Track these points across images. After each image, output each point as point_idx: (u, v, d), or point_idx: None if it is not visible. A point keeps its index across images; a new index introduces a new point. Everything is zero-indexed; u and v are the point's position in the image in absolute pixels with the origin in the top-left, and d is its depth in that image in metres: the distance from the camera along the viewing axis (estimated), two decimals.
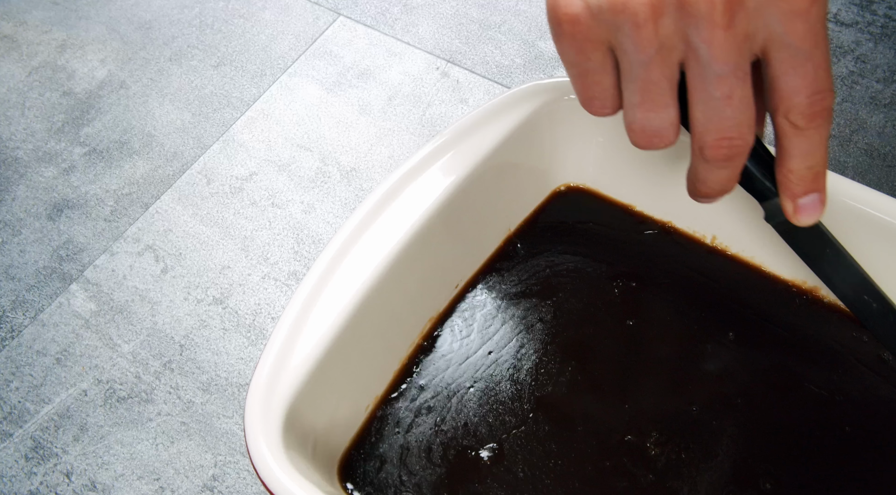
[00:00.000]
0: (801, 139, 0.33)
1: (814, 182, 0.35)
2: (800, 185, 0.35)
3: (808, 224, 0.36)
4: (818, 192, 0.35)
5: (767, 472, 0.40)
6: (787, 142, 0.33)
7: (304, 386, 0.38)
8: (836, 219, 0.42)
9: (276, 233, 0.54)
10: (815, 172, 0.34)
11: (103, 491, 0.44)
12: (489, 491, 0.41)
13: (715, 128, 0.33)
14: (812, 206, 0.35)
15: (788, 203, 0.35)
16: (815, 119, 0.32)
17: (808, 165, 0.34)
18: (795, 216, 0.36)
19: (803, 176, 0.34)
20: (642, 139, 0.35)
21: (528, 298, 0.47)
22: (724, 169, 0.34)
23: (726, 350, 0.44)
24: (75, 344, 0.50)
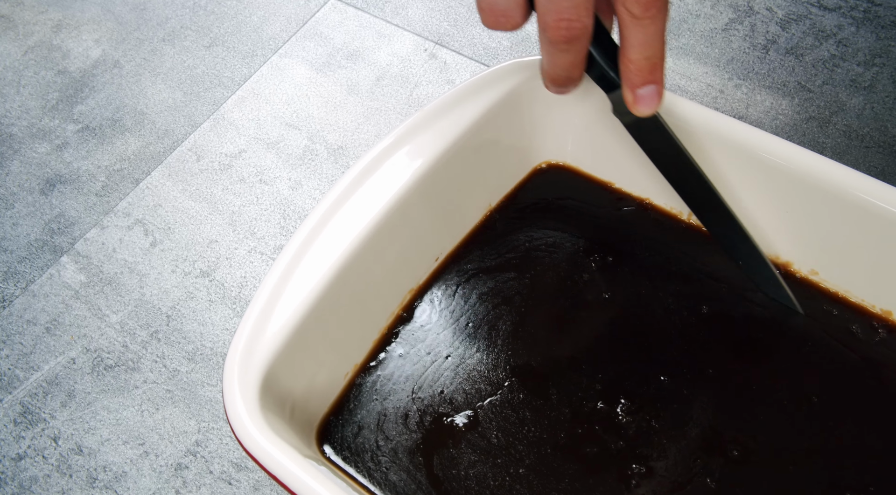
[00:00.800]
0: (639, 29, 0.35)
1: (651, 73, 0.37)
2: (638, 76, 0.37)
3: (646, 114, 0.38)
4: (655, 84, 0.37)
5: (735, 440, 0.41)
6: (626, 32, 0.36)
7: (282, 351, 0.39)
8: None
9: (264, 208, 0.55)
10: (653, 64, 0.36)
11: (89, 454, 0.46)
12: (463, 456, 0.42)
13: (554, 9, 0.35)
14: (650, 97, 0.38)
15: (628, 93, 0.38)
16: (650, 8, 0.34)
17: (645, 56, 0.36)
18: (635, 106, 0.38)
19: (641, 66, 0.36)
20: (490, 18, 0.37)
21: (506, 271, 0.48)
22: (566, 52, 0.37)
23: (700, 322, 0.45)
24: (65, 314, 0.51)
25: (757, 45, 0.59)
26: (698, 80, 0.58)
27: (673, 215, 0.49)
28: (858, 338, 0.44)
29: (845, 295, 0.45)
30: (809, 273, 0.46)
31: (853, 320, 0.44)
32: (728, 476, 0.40)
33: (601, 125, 0.49)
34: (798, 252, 0.46)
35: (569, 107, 0.49)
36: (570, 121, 0.50)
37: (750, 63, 0.58)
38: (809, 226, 0.44)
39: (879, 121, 0.55)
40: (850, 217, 0.43)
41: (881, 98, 0.56)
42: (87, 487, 0.45)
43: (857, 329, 0.44)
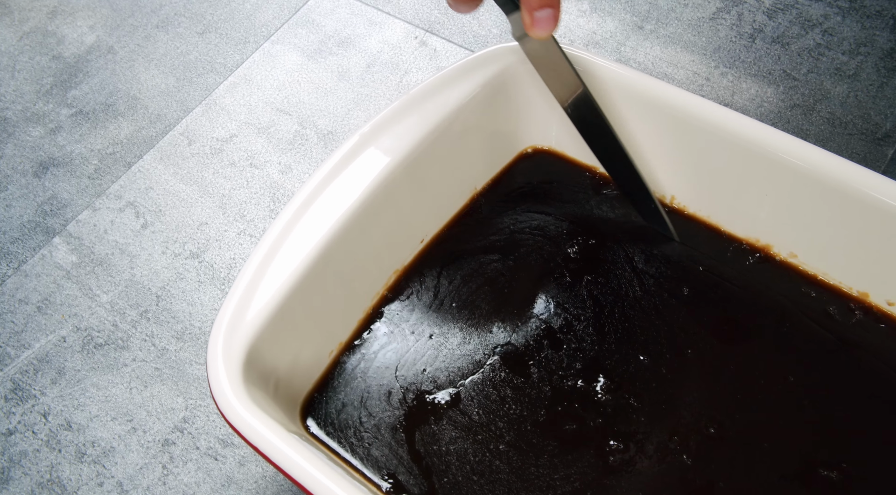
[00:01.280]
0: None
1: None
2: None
3: (542, 37, 0.40)
4: (552, 8, 0.39)
5: (712, 418, 0.42)
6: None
7: (265, 327, 0.40)
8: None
9: (254, 191, 0.55)
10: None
11: (78, 430, 0.46)
12: (444, 432, 0.42)
13: None
14: (546, 20, 0.40)
15: (526, 15, 0.40)
16: None
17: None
18: (532, 28, 0.40)
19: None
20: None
21: (490, 253, 0.48)
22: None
23: (680, 304, 0.46)
24: (56, 293, 0.51)
25: (743, 34, 0.60)
26: (685, 68, 0.58)
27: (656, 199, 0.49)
28: (835, 319, 0.44)
29: (823, 277, 0.46)
30: (788, 256, 0.46)
31: (830, 302, 0.45)
32: (704, 452, 0.41)
33: None
34: (778, 236, 0.46)
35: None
36: (555, 106, 0.50)
37: (736, 51, 0.59)
38: (789, 210, 0.45)
39: (863, 109, 0.55)
40: (829, 201, 0.43)
41: (865, 86, 0.56)
42: (75, 462, 0.45)
43: (833, 310, 0.45)
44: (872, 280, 0.44)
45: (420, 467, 0.41)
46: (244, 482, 0.44)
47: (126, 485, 0.45)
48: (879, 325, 0.44)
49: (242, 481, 0.44)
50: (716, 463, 0.41)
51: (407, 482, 0.41)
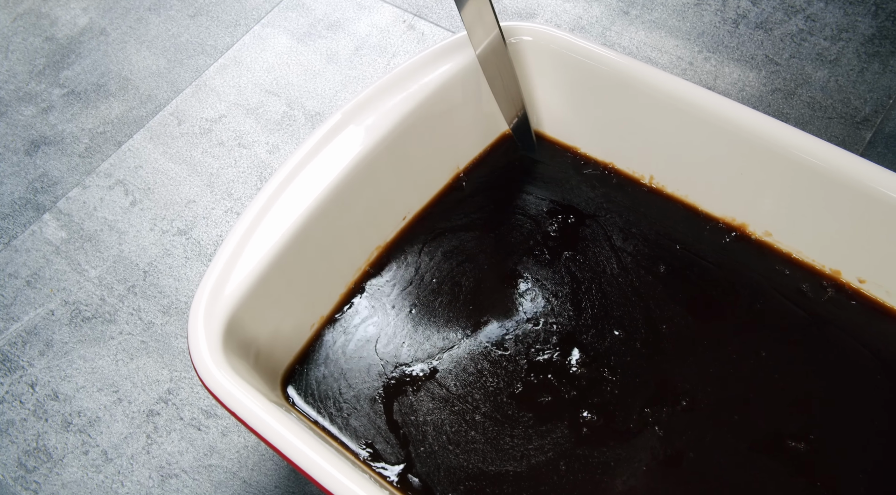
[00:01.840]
0: None
1: None
2: None
3: None
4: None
5: (685, 391, 0.43)
6: None
7: (246, 298, 0.41)
8: None
9: (241, 170, 0.56)
10: None
11: (64, 400, 0.47)
12: (422, 403, 0.43)
13: None
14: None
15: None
16: None
17: None
18: None
19: None
20: None
21: (472, 231, 0.49)
22: None
23: (656, 280, 0.46)
24: (45, 268, 0.52)
25: (727, 20, 0.60)
26: (669, 52, 0.59)
27: (635, 179, 0.50)
28: (808, 296, 0.45)
29: (797, 256, 0.46)
30: (763, 234, 0.47)
31: (803, 279, 0.46)
32: (675, 424, 0.42)
33: (567, 92, 0.50)
34: (753, 214, 0.47)
35: (535, 74, 0.50)
36: (538, 87, 0.51)
37: (720, 37, 0.60)
38: (765, 189, 0.46)
39: (843, 93, 0.56)
40: (804, 181, 0.44)
41: (845, 71, 0.57)
42: (61, 431, 0.46)
43: (806, 288, 0.45)
44: (845, 258, 0.45)
45: (397, 436, 0.42)
46: (226, 451, 0.45)
47: (111, 454, 0.45)
48: (851, 302, 0.45)
49: (224, 450, 0.45)
50: (686, 434, 0.41)
51: (384, 451, 0.42)
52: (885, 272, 0.44)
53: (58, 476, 0.45)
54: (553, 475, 0.41)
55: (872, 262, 0.44)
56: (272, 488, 0.44)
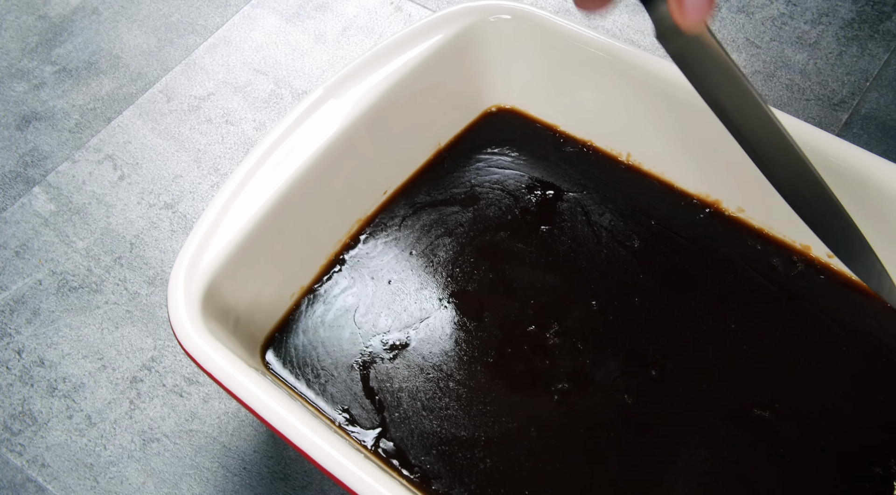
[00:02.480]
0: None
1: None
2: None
3: (694, 25, 0.32)
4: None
5: (655, 361, 0.44)
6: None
7: (225, 265, 0.42)
8: None
9: (228, 147, 0.57)
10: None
11: (50, 367, 0.48)
12: (397, 371, 0.44)
13: None
14: (698, 5, 0.31)
15: (674, 2, 0.32)
16: None
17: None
18: (682, 15, 0.32)
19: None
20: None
21: (451, 206, 0.50)
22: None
23: (630, 254, 0.47)
24: (34, 239, 0.53)
25: None
26: (651, 35, 0.60)
27: (612, 156, 0.51)
28: (778, 270, 0.46)
29: (769, 231, 0.47)
30: (737, 210, 0.48)
31: (774, 254, 0.47)
32: (645, 393, 0.43)
33: (547, 71, 0.51)
34: (726, 190, 0.48)
35: (516, 52, 0.51)
36: (518, 66, 0.52)
37: None
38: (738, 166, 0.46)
39: (821, 76, 0.57)
40: None
41: (824, 54, 0.58)
42: (46, 396, 0.47)
43: (777, 262, 0.46)
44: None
45: (373, 402, 0.43)
46: (207, 417, 0.46)
47: (94, 418, 0.46)
48: (819, 276, 0.46)
49: (205, 416, 0.46)
50: (656, 402, 0.42)
51: (360, 416, 0.43)
52: None
53: (42, 439, 0.46)
54: (524, 440, 0.42)
55: None
56: (251, 452, 0.45)
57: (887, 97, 0.55)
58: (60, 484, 0.44)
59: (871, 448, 0.40)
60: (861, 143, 0.51)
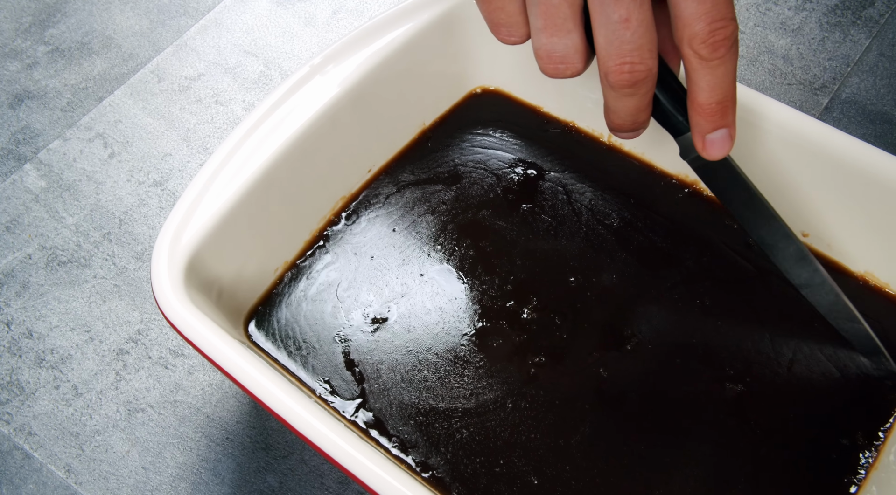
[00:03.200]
0: (707, 71, 0.33)
1: (722, 117, 0.34)
2: (709, 121, 0.34)
3: (717, 158, 0.36)
4: (727, 127, 0.35)
5: (631, 336, 0.44)
6: (694, 75, 0.33)
7: (209, 237, 0.43)
8: None
9: (217, 126, 0.58)
10: (724, 107, 0.34)
11: (38, 339, 0.49)
12: (377, 344, 0.45)
13: (616, 53, 0.32)
14: (721, 141, 0.35)
15: (698, 138, 0.35)
16: (719, 48, 0.32)
17: (716, 100, 0.34)
18: (705, 151, 0.35)
19: (712, 110, 0.34)
20: (549, 65, 0.35)
21: (435, 184, 0.51)
22: (630, 97, 0.34)
23: (609, 232, 0.48)
24: (24, 215, 0.54)
25: None
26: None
27: (594, 137, 0.52)
28: (754, 250, 0.47)
29: None
30: None
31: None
32: (620, 367, 0.44)
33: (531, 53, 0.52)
34: None
35: None
36: (502, 48, 0.53)
37: None
38: None
39: (804, 61, 0.57)
40: (754, 139, 0.46)
41: (807, 40, 0.58)
42: (34, 367, 0.48)
43: (753, 242, 0.47)
44: (790, 213, 0.46)
45: (353, 374, 0.44)
46: (191, 388, 0.47)
47: (81, 389, 0.47)
48: None
49: (190, 388, 0.47)
50: (629, 375, 0.43)
51: (340, 387, 0.44)
52: (827, 226, 0.46)
53: (29, 408, 0.47)
54: (500, 411, 0.43)
55: (816, 217, 0.46)
56: (234, 423, 0.46)
57: (868, 82, 0.56)
58: (46, 452, 0.45)
59: (839, 421, 0.41)
60: (841, 127, 0.51)
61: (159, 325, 0.50)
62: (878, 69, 0.57)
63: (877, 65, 0.57)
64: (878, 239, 0.44)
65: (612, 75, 0.33)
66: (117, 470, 0.45)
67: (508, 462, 0.41)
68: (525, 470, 0.41)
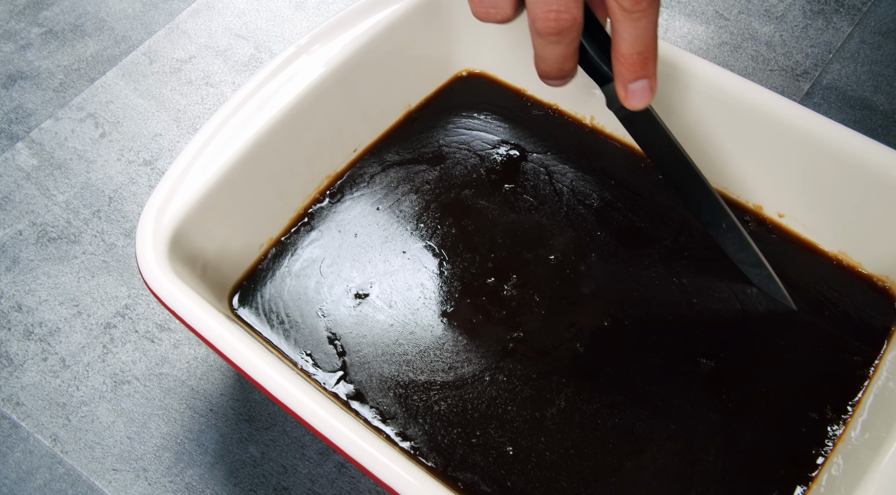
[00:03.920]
0: (629, 23, 0.34)
1: (643, 68, 0.36)
2: (630, 71, 0.36)
3: (638, 108, 0.37)
4: (647, 79, 0.36)
5: (607, 312, 0.45)
6: (618, 26, 0.35)
7: (193, 211, 0.43)
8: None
9: (207, 107, 0.59)
10: (644, 58, 0.36)
11: (27, 312, 0.50)
12: (359, 319, 0.46)
13: (543, 1, 0.34)
14: (642, 92, 0.37)
15: (620, 88, 0.37)
16: (641, 2, 0.33)
17: (637, 50, 0.35)
18: (627, 100, 0.37)
19: (633, 61, 0.36)
20: (480, 9, 0.37)
21: (419, 164, 0.52)
22: (556, 44, 0.36)
23: (589, 212, 0.49)
24: (16, 192, 0.55)
25: None
26: None
27: (577, 119, 0.53)
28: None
29: (724, 192, 0.49)
30: None
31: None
32: (596, 342, 0.44)
33: (516, 37, 0.53)
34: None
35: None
36: (489, 32, 0.53)
37: None
38: (695, 128, 0.48)
39: (786, 47, 0.58)
40: (732, 120, 0.46)
41: (790, 27, 0.59)
42: (23, 339, 0.49)
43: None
44: (766, 194, 0.47)
45: (335, 348, 0.45)
46: (177, 362, 0.48)
47: (68, 361, 0.48)
48: (771, 236, 0.47)
49: (175, 361, 0.48)
50: (606, 351, 0.44)
51: (321, 360, 0.44)
52: (802, 207, 0.46)
53: (17, 379, 0.48)
54: (478, 384, 0.43)
55: (791, 198, 0.47)
56: (218, 395, 0.47)
57: (849, 68, 0.57)
58: (34, 422, 0.46)
59: (809, 395, 0.42)
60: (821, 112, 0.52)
61: (146, 300, 0.50)
62: (860, 56, 0.57)
63: (858, 52, 0.58)
64: (851, 219, 0.45)
65: (538, 22, 0.35)
66: (102, 439, 0.46)
67: (485, 433, 0.42)
68: (501, 441, 0.41)
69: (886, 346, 0.43)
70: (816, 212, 0.46)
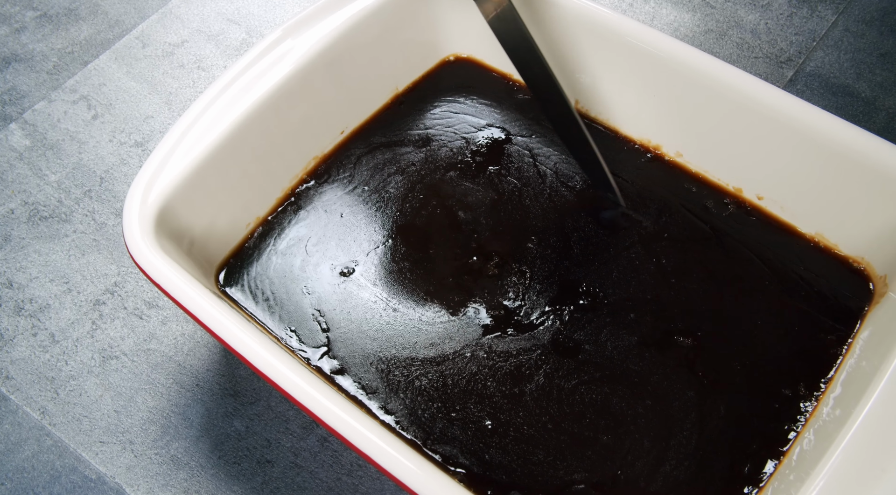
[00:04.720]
0: None
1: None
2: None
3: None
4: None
5: (587, 292, 0.46)
6: None
7: (180, 188, 0.44)
8: None
9: (198, 90, 0.59)
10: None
11: (18, 288, 0.51)
12: (343, 296, 0.46)
13: None
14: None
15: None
16: None
17: None
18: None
19: None
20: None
21: (405, 146, 0.52)
22: None
23: (572, 194, 0.50)
24: (8, 172, 0.56)
25: None
26: None
27: None
28: (711, 211, 0.48)
29: (704, 174, 0.49)
30: (675, 155, 0.50)
31: (708, 197, 0.49)
32: (575, 320, 0.45)
33: None
34: (666, 136, 0.50)
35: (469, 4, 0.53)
36: (475, 17, 0.54)
37: None
38: (676, 112, 0.49)
39: (771, 35, 0.59)
40: (712, 104, 0.47)
41: (775, 16, 0.60)
42: (13, 315, 0.50)
43: (710, 204, 0.49)
44: (747, 177, 0.48)
45: (319, 324, 0.46)
46: (164, 338, 0.49)
47: (57, 336, 0.49)
48: (750, 218, 0.48)
49: (163, 337, 0.49)
50: (585, 329, 0.45)
51: (306, 336, 0.45)
52: (781, 189, 0.47)
53: (7, 354, 0.48)
54: (458, 361, 0.44)
55: (770, 181, 0.47)
56: (204, 371, 0.48)
57: (832, 56, 0.57)
58: (23, 395, 0.47)
59: (783, 373, 0.42)
60: (804, 98, 0.53)
61: (136, 278, 0.51)
62: (843, 44, 0.58)
63: (841, 40, 0.58)
64: (829, 202, 0.45)
65: None
66: (90, 412, 0.46)
67: (464, 408, 0.42)
68: (480, 415, 0.42)
69: (860, 326, 0.43)
70: (795, 194, 0.47)
